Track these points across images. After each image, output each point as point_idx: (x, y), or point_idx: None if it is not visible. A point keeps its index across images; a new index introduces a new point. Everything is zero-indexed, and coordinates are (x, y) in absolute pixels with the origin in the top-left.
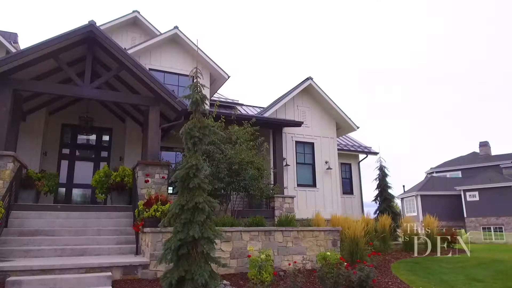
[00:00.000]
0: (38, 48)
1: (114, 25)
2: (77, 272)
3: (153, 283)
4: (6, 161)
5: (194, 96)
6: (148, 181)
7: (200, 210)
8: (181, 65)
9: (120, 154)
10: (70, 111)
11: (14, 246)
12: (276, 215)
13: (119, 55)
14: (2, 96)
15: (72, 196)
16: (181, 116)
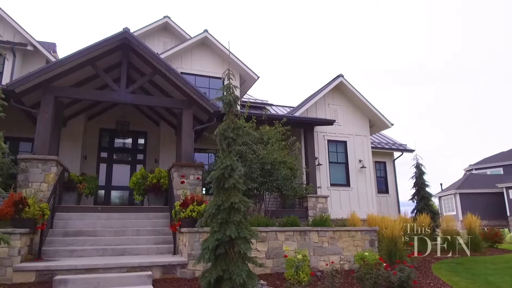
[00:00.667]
0: (76, 56)
1: (146, 31)
2: (119, 271)
3: (191, 282)
4: (50, 165)
5: (227, 97)
6: (184, 182)
7: (236, 210)
8: (211, 68)
9: (155, 157)
10: (107, 116)
11: (59, 246)
12: (309, 215)
13: (153, 60)
14: (44, 103)
15: (111, 197)
16: (213, 118)
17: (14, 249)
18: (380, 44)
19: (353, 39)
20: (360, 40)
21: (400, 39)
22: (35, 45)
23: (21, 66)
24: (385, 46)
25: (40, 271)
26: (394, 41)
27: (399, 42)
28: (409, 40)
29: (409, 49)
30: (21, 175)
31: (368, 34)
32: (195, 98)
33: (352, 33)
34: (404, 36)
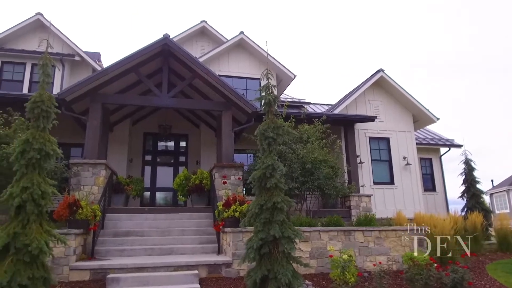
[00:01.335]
0: (120, 64)
1: (184, 36)
2: (167, 270)
3: (236, 282)
4: (100, 168)
5: (267, 97)
6: (225, 182)
7: (279, 209)
8: (248, 69)
9: (196, 158)
10: (150, 120)
11: (110, 246)
12: (352, 215)
13: (192, 64)
14: (93, 110)
15: (156, 199)
16: (252, 118)
17: (70, 249)
18: (410, 37)
19: (392, 32)
20: (394, 34)
21: (431, 30)
22: (81, 55)
23: (70, 75)
24: (416, 39)
25: (94, 269)
26: (427, 33)
27: (431, 33)
28: (443, 30)
29: (442, 41)
30: (73, 178)
31: (402, 27)
32: (233, 100)
33: (384, 28)
34: (436, 27)
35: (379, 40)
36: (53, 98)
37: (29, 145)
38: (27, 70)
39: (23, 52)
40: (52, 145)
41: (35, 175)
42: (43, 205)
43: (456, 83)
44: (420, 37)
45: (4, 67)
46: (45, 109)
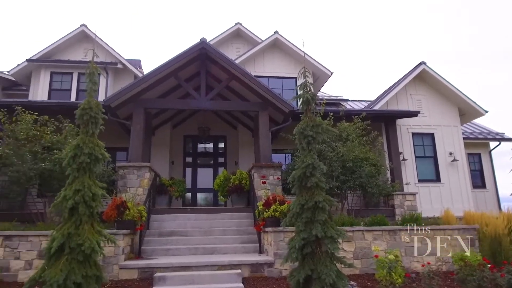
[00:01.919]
0: (160, 70)
1: (220, 39)
2: (211, 269)
3: (279, 281)
4: (144, 171)
5: (305, 95)
6: (265, 182)
7: (321, 209)
8: (283, 68)
9: (235, 159)
10: (190, 123)
11: (156, 246)
12: (396, 214)
13: (228, 66)
14: (136, 115)
15: (197, 199)
16: (289, 118)
17: (119, 248)
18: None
19: (427, 24)
20: (432, 24)
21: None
22: (124, 63)
23: (113, 83)
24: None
25: (141, 268)
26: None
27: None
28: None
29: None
30: (120, 181)
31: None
32: (270, 100)
33: (425, 21)
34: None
35: (418, 34)
36: (100, 105)
37: (80, 150)
38: (74, 79)
39: (70, 62)
40: (101, 150)
41: (86, 178)
42: (94, 206)
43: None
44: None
45: (53, 78)
46: (93, 115)
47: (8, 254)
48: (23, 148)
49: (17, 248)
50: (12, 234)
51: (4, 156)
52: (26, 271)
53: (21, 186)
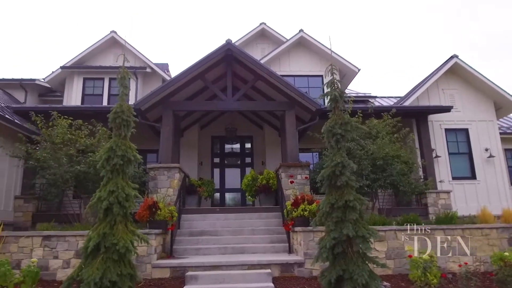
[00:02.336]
0: (187, 73)
1: (245, 40)
2: (241, 268)
3: (310, 281)
4: (174, 172)
5: (332, 93)
6: (293, 182)
7: (351, 208)
8: (309, 67)
9: (262, 159)
10: (217, 124)
11: (186, 245)
12: (430, 213)
13: (254, 66)
14: (165, 117)
15: (225, 199)
16: (316, 116)
17: (151, 248)
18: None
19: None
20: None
21: None
22: (152, 67)
23: (142, 86)
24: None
25: (173, 267)
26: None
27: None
28: None
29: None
30: (151, 182)
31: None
32: (296, 99)
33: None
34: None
35: (445, 29)
36: (131, 108)
37: (113, 152)
38: (106, 84)
39: (101, 68)
40: (133, 151)
41: (119, 179)
42: (127, 207)
43: None
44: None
45: (85, 83)
46: (125, 118)
47: (47, 254)
48: (59, 151)
49: (55, 247)
50: (50, 234)
51: (42, 160)
52: (64, 270)
53: (58, 188)
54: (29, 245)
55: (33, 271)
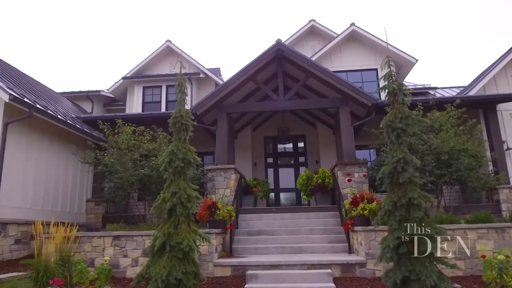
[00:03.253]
0: (239, 76)
1: (294, 38)
2: (300, 268)
3: (373, 282)
4: (230, 172)
5: (390, 85)
6: (350, 180)
7: (416, 206)
8: (362, 61)
9: (315, 157)
10: (269, 124)
11: (245, 244)
12: (503, 210)
13: (305, 64)
14: (220, 120)
15: (280, 199)
16: (372, 111)
17: (212, 247)
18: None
19: None
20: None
21: None
22: (205, 73)
23: (197, 91)
24: None
25: (234, 266)
26: None
27: None
28: None
29: None
30: (209, 183)
31: None
32: (350, 94)
33: None
34: None
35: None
36: (189, 112)
37: (174, 155)
38: (163, 91)
39: (158, 76)
40: (192, 154)
41: (181, 181)
42: (189, 207)
43: None
44: None
45: (145, 91)
46: (184, 122)
47: (117, 253)
48: (125, 156)
49: (124, 247)
50: (120, 234)
51: (110, 165)
52: (133, 268)
53: (125, 190)
54: (101, 245)
55: (106, 269)
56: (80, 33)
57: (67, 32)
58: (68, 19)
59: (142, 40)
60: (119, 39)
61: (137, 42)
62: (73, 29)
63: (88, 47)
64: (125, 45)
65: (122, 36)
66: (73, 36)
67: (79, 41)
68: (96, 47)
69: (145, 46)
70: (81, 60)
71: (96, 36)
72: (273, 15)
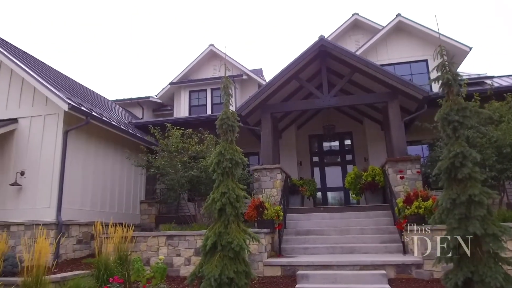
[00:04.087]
0: (281, 75)
1: (337, 34)
2: (352, 269)
3: (431, 284)
4: (276, 172)
5: (445, 76)
6: (403, 177)
7: (477, 203)
8: (410, 52)
9: (363, 155)
10: (313, 122)
11: (294, 244)
12: None
13: (350, 59)
14: (264, 120)
15: (327, 198)
16: (423, 105)
17: (262, 246)
18: None
19: None
20: None
21: None
22: (248, 74)
23: (240, 93)
24: None
25: (284, 266)
26: None
27: None
28: None
29: None
30: (255, 183)
31: None
32: (399, 88)
33: None
34: None
35: None
36: (235, 113)
37: (222, 156)
38: (208, 94)
39: (203, 80)
40: (239, 154)
41: (229, 181)
42: (238, 207)
43: None
44: None
45: (191, 96)
46: (230, 123)
47: (171, 252)
48: (175, 159)
49: (177, 246)
50: (172, 234)
51: (161, 167)
52: (186, 267)
53: (176, 192)
54: (155, 244)
55: (161, 268)
56: (122, 40)
57: (105, 40)
58: (116, 28)
59: (183, 44)
60: (162, 44)
61: (178, 47)
62: (116, 37)
63: (132, 54)
64: (166, 51)
65: (165, 41)
66: (111, 44)
67: (116, 48)
68: (138, 54)
69: (187, 49)
70: (127, 68)
71: (137, 43)
72: (314, 12)
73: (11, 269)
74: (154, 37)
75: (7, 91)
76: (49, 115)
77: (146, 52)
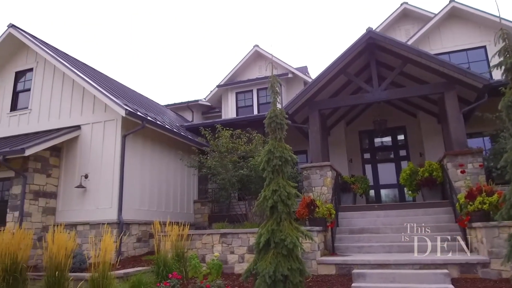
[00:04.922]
0: (328, 70)
1: (385, 25)
2: (412, 268)
3: (499, 284)
4: (326, 170)
5: (508, 61)
6: (464, 172)
7: None
8: (466, 39)
9: (418, 150)
10: (363, 118)
11: (348, 243)
12: None
13: (401, 50)
14: (312, 117)
15: (381, 196)
16: (484, 94)
17: (315, 244)
18: None
19: None
20: None
21: None
22: (293, 72)
23: (286, 91)
24: None
25: (338, 264)
26: None
27: None
28: None
29: None
30: (305, 181)
31: None
32: (456, 77)
33: None
34: None
35: None
36: (283, 111)
37: (272, 154)
38: (254, 95)
39: (249, 81)
40: (289, 152)
41: (280, 179)
42: (290, 205)
43: None
44: None
45: (238, 97)
46: (279, 122)
47: (225, 249)
48: (225, 159)
49: (231, 244)
50: (226, 232)
51: (213, 167)
52: (240, 264)
53: (227, 191)
54: (210, 242)
55: (217, 264)
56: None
57: (156, 44)
58: (161, 34)
59: (230, 46)
60: (206, 48)
61: (225, 49)
62: (163, 42)
63: (179, 59)
64: (213, 54)
65: (208, 44)
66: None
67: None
68: (183, 59)
69: (233, 50)
70: (171, 72)
71: (185, 47)
72: (359, 6)
73: (79, 265)
74: (201, 41)
75: (70, 100)
76: (108, 121)
77: (193, 56)
